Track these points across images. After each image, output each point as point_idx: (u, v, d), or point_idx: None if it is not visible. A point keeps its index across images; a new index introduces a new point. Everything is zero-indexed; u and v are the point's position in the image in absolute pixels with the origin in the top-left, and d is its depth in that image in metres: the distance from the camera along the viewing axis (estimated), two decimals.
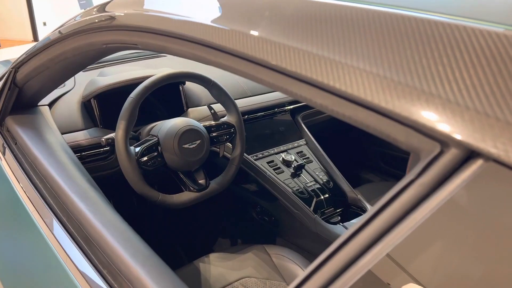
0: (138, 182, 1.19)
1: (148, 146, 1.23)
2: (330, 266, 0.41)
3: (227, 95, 1.39)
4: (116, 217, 0.80)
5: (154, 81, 1.23)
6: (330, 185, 1.64)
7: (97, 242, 0.73)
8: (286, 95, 0.50)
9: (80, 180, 0.91)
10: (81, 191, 0.86)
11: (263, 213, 1.75)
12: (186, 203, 1.30)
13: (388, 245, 0.38)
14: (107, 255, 0.71)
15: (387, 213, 0.39)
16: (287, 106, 1.83)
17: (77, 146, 1.31)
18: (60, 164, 0.96)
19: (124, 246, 0.70)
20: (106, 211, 0.80)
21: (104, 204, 0.83)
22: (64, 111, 1.39)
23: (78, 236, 0.78)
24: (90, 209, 0.79)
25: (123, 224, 0.78)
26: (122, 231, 0.76)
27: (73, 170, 0.95)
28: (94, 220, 0.76)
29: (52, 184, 0.90)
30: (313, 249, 1.55)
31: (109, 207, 0.83)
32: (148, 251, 0.73)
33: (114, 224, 0.76)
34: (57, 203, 0.86)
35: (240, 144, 1.41)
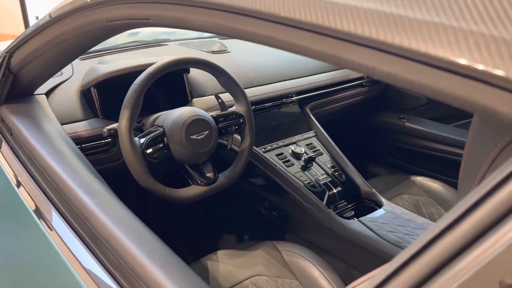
0: (144, 175, 1.12)
1: (154, 137, 1.15)
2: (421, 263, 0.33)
3: (236, 83, 1.31)
4: (126, 212, 0.71)
5: (160, 67, 1.16)
6: (343, 178, 1.57)
7: (107, 241, 0.65)
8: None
9: (83, 172, 0.83)
10: (86, 184, 0.78)
11: (271, 208, 1.67)
12: (194, 198, 1.23)
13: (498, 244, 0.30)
14: (118, 255, 0.62)
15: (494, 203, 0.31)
16: (295, 96, 1.75)
17: (76, 137, 1.23)
18: (61, 155, 0.88)
19: (138, 245, 0.62)
20: (115, 206, 0.72)
21: (112, 198, 0.75)
22: (62, 101, 1.30)
23: (84, 234, 0.69)
24: (96, 204, 0.71)
25: (135, 220, 0.70)
26: (135, 227, 0.67)
27: (75, 161, 0.86)
28: (102, 216, 0.68)
29: (53, 176, 0.81)
30: (327, 245, 1.48)
31: (118, 201, 0.75)
32: (166, 251, 0.66)
33: (125, 220, 0.68)
34: (59, 197, 0.78)
35: (249, 135, 1.34)
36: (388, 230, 1.31)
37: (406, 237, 1.29)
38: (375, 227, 1.33)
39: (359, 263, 1.38)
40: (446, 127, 2.05)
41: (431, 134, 2.04)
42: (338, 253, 1.44)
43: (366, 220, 1.36)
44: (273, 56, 1.89)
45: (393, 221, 1.36)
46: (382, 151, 2.32)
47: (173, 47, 1.83)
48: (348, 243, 1.36)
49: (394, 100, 2.22)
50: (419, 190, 1.81)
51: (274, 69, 1.80)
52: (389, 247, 1.26)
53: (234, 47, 1.89)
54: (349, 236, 1.35)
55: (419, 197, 1.78)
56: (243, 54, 1.85)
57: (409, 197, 1.79)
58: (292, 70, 1.84)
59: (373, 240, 1.30)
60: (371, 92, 2.12)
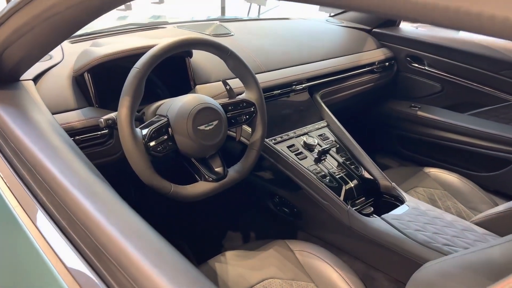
0: (147, 171, 0.99)
1: (157, 128, 1.02)
2: None
3: (247, 68, 1.18)
4: (138, 220, 0.58)
5: (164, 48, 1.02)
6: (359, 171, 1.45)
7: (116, 257, 0.51)
8: None
9: (82, 170, 0.69)
10: (85, 184, 0.64)
11: (282, 204, 1.55)
12: (203, 195, 1.10)
13: None
14: (131, 276, 0.49)
15: None
16: (305, 83, 1.63)
17: (69, 128, 1.09)
18: (54, 150, 0.74)
19: (160, 267, 0.49)
20: (123, 213, 0.58)
21: (119, 203, 0.61)
22: (52, 88, 1.16)
23: (85, 248, 0.56)
24: (100, 210, 0.57)
25: (150, 231, 0.57)
26: (151, 241, 0.54)
27: (71, 157, 0.72)
28: (107, 226, 0.54)
29: (45, 176, 0.67)
30: (345, 245, 1.36)
31: (127, 207, 0.61)
32: (195, 272, 0.53)
33: (137, 232, 0.54)
34: (52, 201, 0.64)
35: (261, 125, 1.21)
36: (415, 229, 1.20)
37: (436, 237, 1.18)
38: (400, 225, 1.21)
39: (383, 264, 1.27)
40: (461, 116, 1.94)
41: (445, 124, 1.93)
42: (358, 253, 1.33)
43: (389, 218, 1.25)
44: (280, 40, 1.76)
45: (419, 219, 1.25)
46: (392, 141, 2.21)
47: (172, 30, 1.68)
48: (370, 243, 1.25)
49: (404, 87, 2.10)
50: (433, 182, 1.70)
51: (282, 54, 1.66)
52: (418, 247, 1.15)
53: (237, 30, 1.75)
54: (371, 235, 1.23)
55: (434, 190, 1.68)
56: (248, 37, 1.72)
57: (424, 190, 1.69)
58: (301, 55, 1.71)
59: (399, 239, 1.18)
60: (382, 79, 2.00)
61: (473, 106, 1.94)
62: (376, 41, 2.04)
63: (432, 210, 1.30)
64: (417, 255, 1.15)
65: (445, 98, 2.00)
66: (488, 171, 1.90)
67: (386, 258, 1.23)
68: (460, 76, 1.90)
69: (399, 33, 2.03)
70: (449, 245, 1.15)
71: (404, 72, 2.06)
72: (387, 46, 2.04)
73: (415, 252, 1.15)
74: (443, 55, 1.90)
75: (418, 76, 2.03)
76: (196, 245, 1.75)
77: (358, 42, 1.98)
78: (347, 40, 1.97)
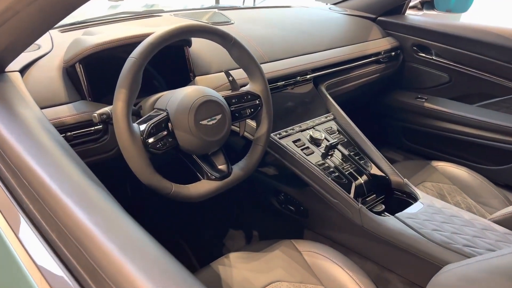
0: (147, 170, 0.91)
1: (156, 123, 0.94)
2: None
3: (251, 57, 1.10)
4: (140, 233, 0.49)
5: (162, 36, 0.94)
6: (369, 166, 1.38)
7: (116, 282, 0.42)
8: None
9: (74, 173, 0.60)
10: (78, 189, 0.55)
11: (287, 201, 1.47)
12: (206, 195, 1.03)
13: None
14: None
15: None
16: (310, 73, 1.54)
17: (59, 124, 1.01)
18: (42, 149, 0.65)
19: None
20: (122, 224, 0.50)
21: (117, 211, 0.53)
22: (41, 80, 1.07)
23: (80, 268, 0.47)
24: (96, 221, 0.49)
25: (155, 246, 0.48)
26: (156, 259, 0.45)
27: (61, 157, 0.64)
28: (105, 241, 0.46)
29: (31, 179, 0.59)
30: (356, 245, 1.29)
31: (126, 216, 0.53)
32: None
33: (140, 248, 0.46)
34: (40, 209, 0.55)
35: (267, 119, 1.13)
36: (432, 229, 1.13)
37: (455, 237, 1.10)
38: (416, 225, 1.14)
39: (397, 266, 1.20)
40: (470, 108, 1.87)
41: (453, 115, 1.86)
42: (370, 254, 1.26)
43: (404, 217, 1.17)
44: (282, 29, 1.67)
45: (435, 217, 1.18)
46: (396, 134, 2.14)
47: (169, 18, 1.59)
48: (384, 243, 1.18)
49: (410, 78, 2.02)
50: (442, 177, 1.64)
51: (285, 43, 1.58)
52: (436, 248, 1.08)
53: (237, 18, 1.66)
54: (384, 236, 1.16)
55: (443, 185, 1.61)
56: (249, 25, 1.63)
57: (433, 185, 1.62)
58: (305, 44, 1.63)
59: (415, 240, 1.11)
60: (387, 70, 1.92)
61: (482, 97, 1.87)
62: (381, 30, 1.96)
63: (448, 208, 1.23)
64: (435, 256, 1.08)
65: (453, 89, 1.92)
66: (498, 164, 1.84)
67: (401, 259, 1.16)
68: (469, 65, 1.82)
69: (405, 21, 1.95)
70: (470, 246, 1.08)
71: (410, 62, 1.99)
72: (393, 35, 1.96)
73: (433, 253, 1.08)
74: (452, 43, 1.82)
75: (424, 66, 1.95)
76: (197, 246, 1.67)
77: (363, 31, 1.90)
78: (351, 29, 1.89)
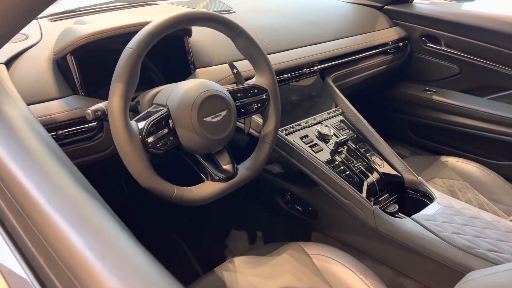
0: (146, 173, 0.83)
1: (156, 120, 0.86)
2: None
3: (258, 47, 1.01)
4: (146, 260, 0.41)
5: (162, 24, 0.85)
6: (381, 164, 1.30)
7: None
8: None
9: (65, 182, 0.51)
10: (70, 203, 0.47)
11: (294, 201, 1.39)
12: (210, 197, 0.95)
13: None
14: None
15: None
16: (316, 65, 1.46)
17: (50, 122, 0.93)
18: (27, 154, 0.56)
19: None
20: (124, 248, 0.41)
21: (118, 231, 0.44)
22: (28, 73, 0.99)
23: None
24: (92, 244, 0.40)
25: (165, 277, 0.40)
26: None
27: (50, 163, 0.55)
28: (103, 271, 0.37)
29: (15, 191, 0.50)
30: (369, 248, 1.22)
31: (129, 237, 0.44)
32: None
33: (146, 279, 0.38)
34: (24, 227, 0.46)
35: (274, 114, 1.05)
36: (452, 232, 1.06)
37: (477, 241, 1.03)
38: (435, 227, 1.07)
39: (414, 271, 1.12)
40: (481, 100, 1.80)
41: (463, 109, 1.79)
42: (384, 257, 1.18)
43: (421, 219, 1.10)
44: (286, 18, 1.58)
45: (455, 219, 1.10)
46: (403, 128, 2.06)
47: (166, 7, 1.50)
48: (400, 247, 1.10)
49: (418, 70, 1.94)
50: (452, 173, 1.56)
51: (290, 33, 1.49)
52: (458, 253, 1.01)
53: (239, 6, 1.57)
54: (401, 239, 1.09)
55: (453, 181, 1.54)
56: (251, 14, 1.54)
57: (443, 181, 1.55)
58: (310, 34, 1.54)
59: (435, 244, 1.04)
60: (395, 61, 1.84)
61: (494, 89, 1.79)
62: (388, 19, 1.87)
63: (467, 209, 1.16)
64: (457, 262, 1.00)
65: (463, 81, 1.84)
66: (510, 159, 1.77)
67: (419, 264, 1.09)
68: (481, 56, 1.74)
69: (413, 10, 1.86)
70: (494, 250, 1.01)
71: (417, 53, 1.90)
72: (400, 24, 1.88)
73: (455, 259, 1.01)
74: (463, 33, 1.74)
75: (433, 57, 1.87)
76: (198, 248, 1.59)
77: (369, 21, 1.81)
78: (357, 18, 1.80)
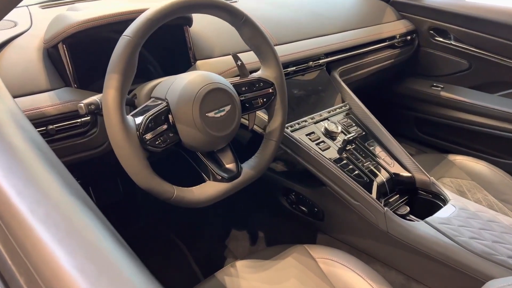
0: (143, 173, 0.77)
1: (155, 115, 0.79)
2: None
3: (265, 38, 0.94)
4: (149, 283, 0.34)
5: (161, 10, 0.78)
6: (391, 164, 1.23)
7: None
8: None
9: (53, 188, 0.44)
10: (57, 214, 0.39)
11: (299, 201, 1.33)
12: (213, 199, 0.88)
13: None
14: None
15: None
16: (322, 58, 1.39)
17: (39, 116, 0.86)
18: (9, 155, 0.49)
19: None
20: (122, 271, 0.35)
21: (115, 251, 0.37)
22: (16, 63, 0.92)
23: None
24: (83, 266, 0.33)
25: None
26: None
27: (36, 165, 0.48)
28: None
29: None
30: (379, 252, 1.15)
31: (127, 256, 0.37)
32: None
33: None
34: (4, 241, 0.39)
35: (281, 110, 0.98)
36: (470, 237, 0.99)
37: (496, 246, 0.97)
38: (451, 232, 1.00)
39: (428, 277, 1.06)
40: (491, 97, 1.73)
41: (472, 105, 1.73)
42: (395, 262, 1.12)
43: (436, 222, 1.03)
44: (290, 8, 1.51)
45: (472, 223, 1.04)
46: (409, 125, 2.00)
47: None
48: (412, 251, 1.04)
49: (425, 65, 1.88)
50: (460, 172, 1.50)
51: (296, 24, 1.42)
52: (476, 260, 0.95)
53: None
54: (414, 243, 1.02)
55: (462, 181, 1.48)
56: (254, 4, 1.47)
57: (451, 181, 1.48)
58: (316, 26, 1.47)
59: (451, 249, 0.98)
60: (402, 55, 1.77)
61: (504, 85, 1.73)
62: (396, 12, 1.81)
63: (484, 212, 1.10)
64: (475, 269, 0.94)
65: (472, 76, 1.78)
66: None
67: (433, 270, 1.03)
68: (491, 51, 1.68)
69: (421, 2, 1.80)
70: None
71: (425, 47, 1.84)
72: (407, 17, 1.81)
73: (473, 265, 0.95)
74: (473, 27, 1.67)
75: (441, 52, 1.80)
76: (198, 251, 1.52)
77: (376, 13, 1.74)
78: (364, 10, 1.73)
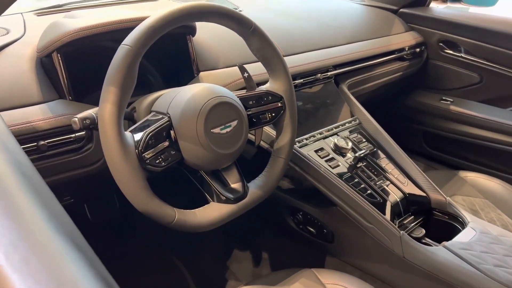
0: (142, 195, 0.70)
1: (155, 131, 0.72)
2: None
3: (274, 48, 0.88)
4: None
5: (164, 18, 0.72)
6: (405, 182, 1.17)
7: None
8: None
9: (36, 223, 0.36)
10: (36, 259, 0.32)
11: (307, 222, 1.25)
12: (217, 222, 0.81)
13: None
14: None
15: None
16: (331, 70, 1.33)
17: (30, 130, 0.79)
18: None
19: None
20: None
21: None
22: (7, 72, 0.86)
23: None
24: None
25: None
26: None
27: (16, 194, 0.40)
28: None
29: None
30: (393, 279, 1.08)
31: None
32: None
33: None
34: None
35: (290, 125, 0.92)
36: (494, 264, 0.92)
37: None
38: (473, 258, 0.93)
39: None
40: (503, 112, 1.67)
41: (483, 120, 1.66)
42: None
43: (456, 248, 0.96)
44: (298, 19, 1.45)
45: (495, 249, 0.97)
46: (417, 139, 1.93)
47: (166, 3, 1.36)
48: (431, 279, 0.97)
49: (434, 78, 1.82)
50: (472, 190, 1.43)
51: (303, 35, 1.36)
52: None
53: (246, 5, 1.44)
54: (433, 270, 0.95)
55: (474, 199, 1.41)
56: (261, 14, 1.41)
57: (463, 199, 1.41)
58: (324, 36, 1.41)
59: (474, 278, 0.90)
60: (410, 68, 1.71)
61: None
62: (404, 23, 1.75)
63: (507, 236, 1.03)
64: None
65: (484, 90, 1.72)
66: None
67: None
68: (504, 64, 1.62)
69: (430, 13, 1.74)
70: None
71: (434, 59, 1.78)
72: (416, 29, 1.76)
73: None
74: (484, 39, 1.62)
75: (451, 65, 1.75)
76: (198, 272, 1.43)
77: (385, 24, 1.68)
78: (372, 21, 1.67)
